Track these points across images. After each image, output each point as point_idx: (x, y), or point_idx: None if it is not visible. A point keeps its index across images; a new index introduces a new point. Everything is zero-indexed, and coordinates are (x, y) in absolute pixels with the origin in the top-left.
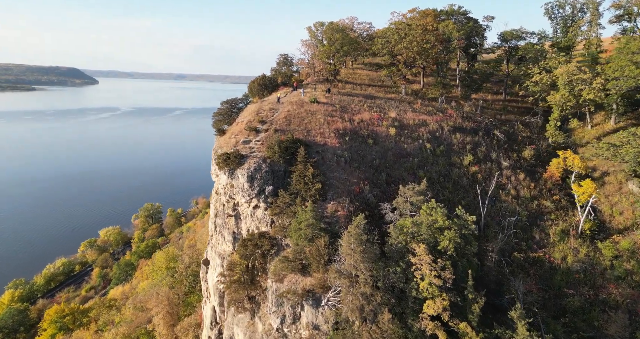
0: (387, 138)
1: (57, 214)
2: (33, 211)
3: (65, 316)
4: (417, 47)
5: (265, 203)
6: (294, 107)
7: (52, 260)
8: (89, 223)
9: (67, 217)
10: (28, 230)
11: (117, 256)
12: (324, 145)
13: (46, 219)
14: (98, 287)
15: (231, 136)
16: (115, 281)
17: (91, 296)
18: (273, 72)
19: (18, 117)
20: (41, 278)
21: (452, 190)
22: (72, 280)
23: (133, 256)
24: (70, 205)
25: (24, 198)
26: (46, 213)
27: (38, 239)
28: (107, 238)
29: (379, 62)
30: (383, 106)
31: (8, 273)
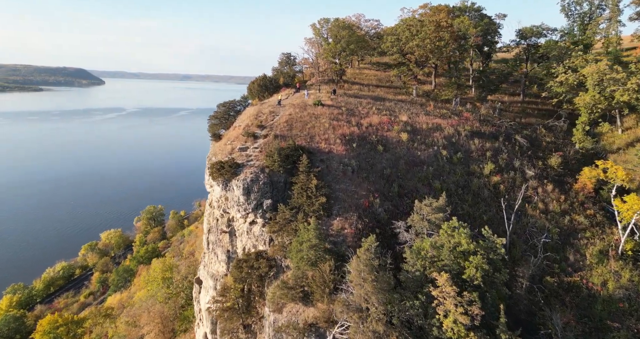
0: (398, 145)
1: (58, 216)
2: (34, 212)
3: (58, 327)
4: (430, 45)
5: (263, 218)
6: (296, 110)
7: (52, 263)
8: (90, 226)
9: (69, 219)
10: (29, 232)
11: (117, 260)
12: (329, 152)
13: (47, 221)
14: (97, 293)
15: (227, 142)
16: (113, 287)
17: (90, 303)
18: (274, 72)
19: (23, 117)
20: (40, 283)
21: (472, 203)
22: (72, 284)
23: (132, 262)
24: (71, 206)
25: (25, 200)
26: (47, 215)
27: (39, 241)
28: (108, 241)
29: (387, 62)
30: (393, 109)
31: (7, 277)
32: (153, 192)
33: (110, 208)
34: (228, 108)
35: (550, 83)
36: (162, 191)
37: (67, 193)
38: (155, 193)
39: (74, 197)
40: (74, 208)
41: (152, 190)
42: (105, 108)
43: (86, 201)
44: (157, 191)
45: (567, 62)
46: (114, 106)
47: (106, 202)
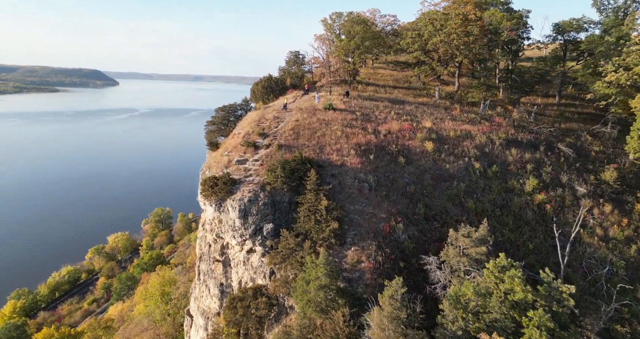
0: (422, 156)
1: (66, 218)
2: (42, 214)
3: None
4: (457, 41)
5: (263, 246)
6: (304, 116)
7: (58, 266)
8: (98, 228)
9: (77, 221)
10: (36, 234)
11: (124, 265)
12: (341, 166)
13: (55, 223)
14: (101, 300)
15: (224, 153)
16: (115, 296)
17: (93, 310)
18: (281, 72)
19: (38, 117)
20: (45, 288)
21: (514, 228)
22: (77, 289)
23: (136, 269)
24: (79, 208)
25: (34, 201)
26: (54, 217)
27: (46, 244)
28: (115, 245)
29: (406, 60)
30: (414, 113)
31: (12, 281)
32: (162, 194)
33: (118, 210)
34: (227, 113)
35: (598, 83)
36: (171, 193)
37: (75, 194)
38: (164, 195)
39: (83, 199)
40: (82, 210)
41: (161, 192)
42: (118, 108)
43: (95, 203)
44: (165, 193)
45: (617, 59)
46: (126, 107)
47: (114, 204)
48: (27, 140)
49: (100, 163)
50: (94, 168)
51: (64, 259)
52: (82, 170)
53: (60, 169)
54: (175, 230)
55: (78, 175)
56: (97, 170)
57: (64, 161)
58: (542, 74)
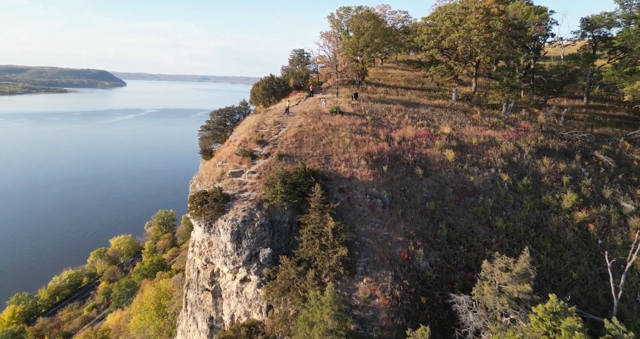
0: (443, 167)
1: (69, 219)
2: (44, 216)
3: None
4: (478, 37)
5: (259, 275)
6: (309, 121)
7: (60, 270)
8: (101, 230)
9: (80, 223)
10: (38, 236)
11: (125, 268)
12: (350, 178)
13: (58, 225)
14: (101, 306)
15: (217, 163)
16: (114, 304)
17: (92, 317)
18: (284, 72)
19: (46, 118)
20: (46, 292)
21: (553, 252)
22: (78, 294)
23: (136, 275)
24: (83, 209)
25: (36, 202)
26: (58, 219)
27: (48, 247)
28: (118, 247)
29: (418, 59)
30: (431, 117)
31: (12, 285)
32: (166, 195)
33: (122, 212)
34: (224, 117)
35: (638, 83)
36: (175, 194)
37: (79, 195)
38: (168, 196)
39: (87, 200)
40: (86, 211)
41: (166, 193)
42: (125, 109)
43: (99, 204)
44: (170, 194)
45: None
46: (133, 107)
47: (119, 205)
48: (34, 140)
49: (105, 164)
50: (98, 168)
51: (66, 262)
52: (87, 170)
53: (65, 170)
54: (179, 232)
55: (83, 176)
56: (102, 171)
57: (69, 161)
58: (571, 74)
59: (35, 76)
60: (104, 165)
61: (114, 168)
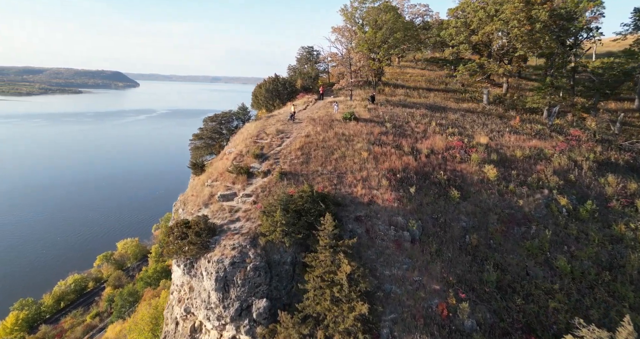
0: (483, 187)
1: (76, 222)
2: (51, 218)
3: None
4: (519, 30)
5: (252, 336)
6: (318, 129)
7: (65, 274)
8: (109, 232)
9: (87, 225)
10: (46, 239)
11: (132, 273)
12: (370, 204)
13: (65, 227)
14: (104, 314)
15: (207, 181)
16: (116, 313)
17: (95, 325)
18: (291, 72)
19: (60, 118)
20: (50, 298)
21: (636, 303)
22: (83, 299)
23: (139, 283)
24: (92, 211)
25: (43, 204)
26: (65, 221)
27: (55, 250)
28: (124, 251)
29: (444, 57)
30: (462, 124)
31: (18, 290)
32: (174, 197)
33: (130, 214)
34: (219, 124)
35: None
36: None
37: (89, 196)
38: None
39: (96, 201)
40: (95, 213)
41: (174, 194)
42: (137, 109)
43: (108, 206)
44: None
45: None
46: (145, 108)
47: (126, 207)
48: (47, 141)
49: (114, 165)
50: (108, 169)
51: (73, 265)
52: (97, 171)
53: (75, 170)
54: None
55: (92, 177)
56: (112, 172)
57: (79, 162)
58: (628, 72)
59: (52, 77)
60: (113, 166)
61: (123, 169)
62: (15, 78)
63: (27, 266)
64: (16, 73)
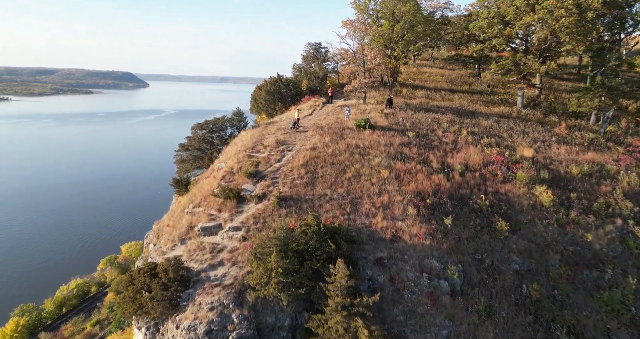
0: (535, 214)
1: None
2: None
3: None
4: (566, 20)
5: None
6: (326, 140)
7: (69, 278)
8: (114, 234)
9: (92, 227)
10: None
11: None
12: (394, 240)
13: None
14: (104, 322)
15: (188, 207)
16: (115, 323)
17: (96, 333)
18: (296, 71)
19: (71, 118)
20: (51, 303)
21: None
22: (86, 304)
23: None
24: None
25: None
26: (68, 223)
27: (58, 254)
28: (128, 255)
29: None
30: (498, 132)
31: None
32: None
33: (137, 215)
34: (210, 132)
35: None
36: None
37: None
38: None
39: (102, 203)
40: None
41: None
42: (146, 110)
43: (112, 207)
44: None
45: None
46: (154, 108)
47: (133, 208)
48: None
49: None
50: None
51: (76, 268)
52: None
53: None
54: None
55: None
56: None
57: (87, 163)
58: None
59: (64, 78)
60: (121, 167)
61: (131, 170)
62: (28, 79)
63: (30, 269)
64: (29, 74)
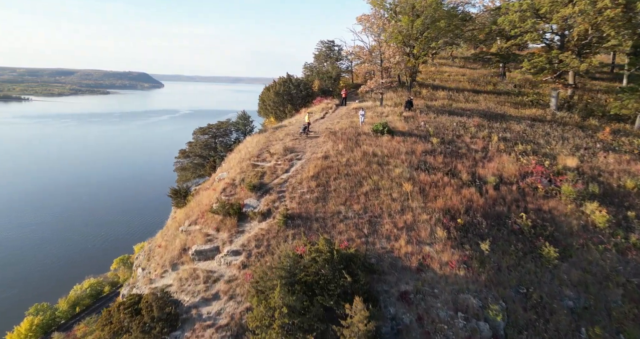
0: (588, 238)
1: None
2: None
3: None
4: (612, 12)
5: None
6: (339, 147)
7: (83, 277)
8: (130, 234)
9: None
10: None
11: None
12: (420, 270)
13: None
14: None
15: (183, 223)
16: None
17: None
18: (307, 71)
19: (88, 119)
20: (65, 303)
21: None
22: (99, 303)
23: None
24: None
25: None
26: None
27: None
28: None
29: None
30: (532, 137)
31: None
32: None
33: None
34: (213, 137)
35: None
36: None
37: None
38: None
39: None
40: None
41: None
42: (161, 110)
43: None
44: None
45: None
46: (168, 108)
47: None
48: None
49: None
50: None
51: (92, 268)
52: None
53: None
54: None
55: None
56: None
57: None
58: None
59: (82, 78)
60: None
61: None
62: (48, 80)
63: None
64: (49, 75)
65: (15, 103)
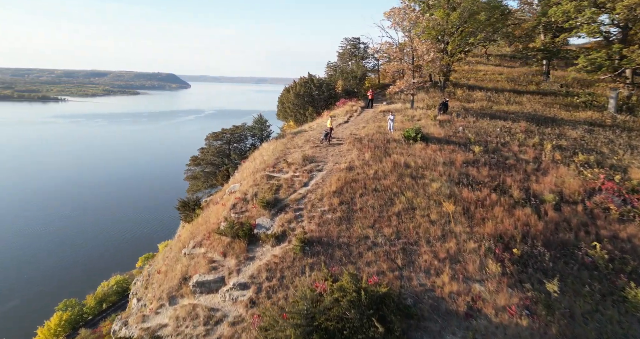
0: None
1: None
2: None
3: None
4: None
5: None
6: (366, 156)
7: (108, 275)
8: (157, 231)
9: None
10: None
11: None
12: (469, 315)
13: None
14: None
15: (187, 244)
16: None
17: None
18: (330, 70)
19: (119, 118)
20: (92, 299)
21: None
22: (125, 301)
23: None
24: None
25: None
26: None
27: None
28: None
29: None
30: (593, 145)
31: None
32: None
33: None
34: (227, 143)
35: None
36: None
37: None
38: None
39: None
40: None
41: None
42: (187, 110)
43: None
44: None
45: None
46: (194, 108)
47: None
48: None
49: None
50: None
51: (117, 266)
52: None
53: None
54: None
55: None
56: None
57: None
58: None
59: (114, 79)
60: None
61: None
62: (83, 81)
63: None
64: (84, 76)
65: (53, 103)
